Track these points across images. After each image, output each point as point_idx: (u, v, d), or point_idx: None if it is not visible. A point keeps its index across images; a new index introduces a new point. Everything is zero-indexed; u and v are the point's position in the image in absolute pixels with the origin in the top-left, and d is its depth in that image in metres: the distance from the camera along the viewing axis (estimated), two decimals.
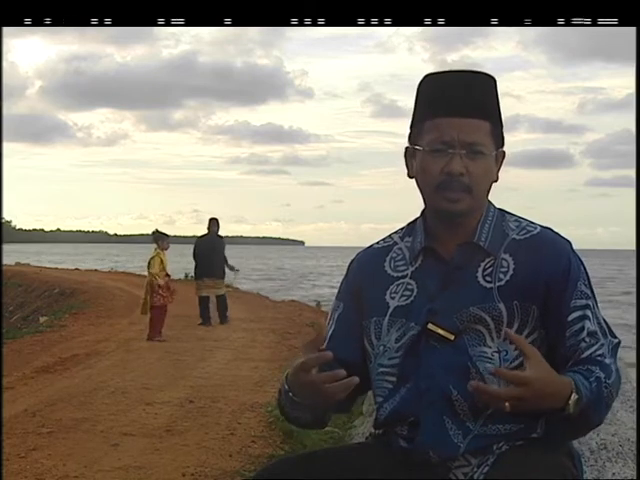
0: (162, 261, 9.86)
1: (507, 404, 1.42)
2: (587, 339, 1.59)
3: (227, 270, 12.03)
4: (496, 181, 1.69)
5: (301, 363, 1.51)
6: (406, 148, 1.71)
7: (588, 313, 1.61)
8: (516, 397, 1.42)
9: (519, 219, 1.71)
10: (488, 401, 1.45)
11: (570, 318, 1.60)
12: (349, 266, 1.82)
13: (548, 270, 1.61)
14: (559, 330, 1.60)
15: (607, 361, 1.58)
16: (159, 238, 10.02)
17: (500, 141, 1.67)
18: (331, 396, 1.50)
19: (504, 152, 1.69)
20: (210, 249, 11.49)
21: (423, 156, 1.65)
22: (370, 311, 1.72)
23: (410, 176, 1.70)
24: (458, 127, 1.61)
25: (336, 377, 1.48)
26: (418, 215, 1.76)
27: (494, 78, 1.67)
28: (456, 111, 1.61)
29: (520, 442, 1.59)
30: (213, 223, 11.79)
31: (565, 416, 1.50)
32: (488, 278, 1.63)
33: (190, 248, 11.98)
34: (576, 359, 1.58)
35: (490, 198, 1.72)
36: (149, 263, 9.95)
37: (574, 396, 1.49)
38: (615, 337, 1.65)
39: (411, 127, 1.69)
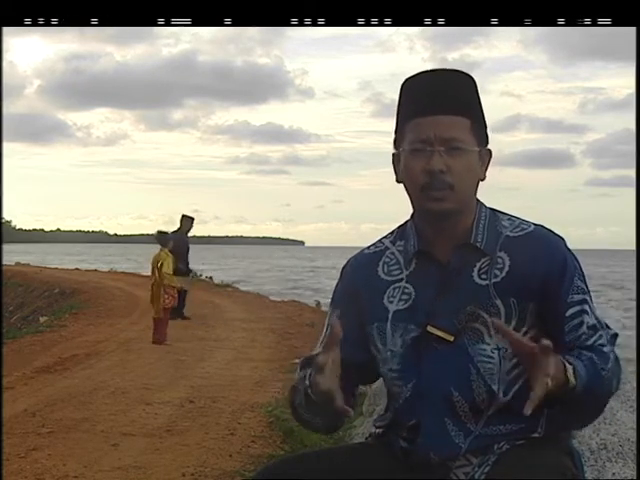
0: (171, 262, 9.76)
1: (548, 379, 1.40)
2: (587, 332, 1.60)
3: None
4: (483, 180, 1.69)
5: (315, 365, 1.51)
6: (393, 154, 1.71)
7: (586, 307, 1.62)
8: (550, 364, 1.41)
9: (511, 217, 1.71)
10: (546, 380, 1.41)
11: (568, 313, 1.60)
12: (342, 271, 1.82)
13: (544, 267, 1.61)
14: (557, 326, 1.61)
15: (605, 349, 1.59)
16: (163, 239, 9.92)
17: (483, 139, 1.67)
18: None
19: (490, 151, 1.69)
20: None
21: (405, 157, 1.66)
22: (370, 316, 1.71)
23: (398, 181, 1.70)
24: (435, 124, 1.61)
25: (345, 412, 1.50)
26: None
27: (472, 77, 1.68)
28: (432, 109, 1.62)
29: (521, 441, 1.60)
30: (186, 220, 11.98)
31: (572, 392, 1.48)
32: (483, 276, 1.63)
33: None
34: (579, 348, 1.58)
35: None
36: (159, 263, 9.63)
37: (569, 366, 1.48)
38: (610, 329, 1.65)
39: (395, 133, 1.70)
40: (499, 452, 1.59)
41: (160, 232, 10.11)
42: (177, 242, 11.06)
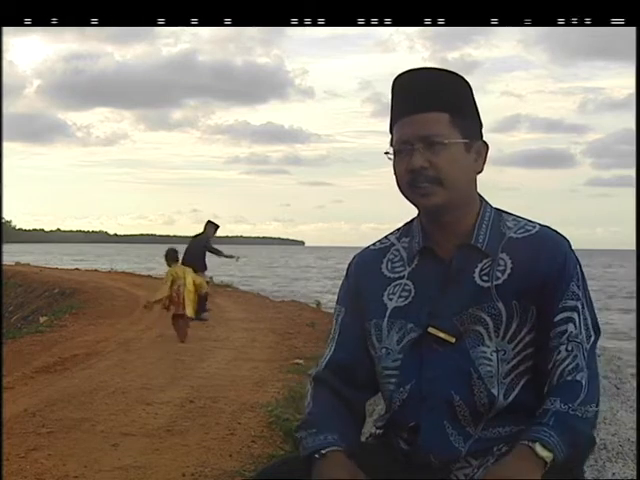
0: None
1: None
2: (568, 347, 1.58)
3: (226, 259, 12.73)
4: (479, 172, 1.68)
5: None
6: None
7: (574, 315, 1.61)
8: None
9: (517, 218, 1.71)
10: None
11: (556, 319, 1.60)
12: (347, 269, 1.82)
13: (544, 269, 1.61)
14: (546, 328, 1.61)
15: (578, 377, 1.57)
16: (173, 255, 10.06)
17: (471, 131, 1.66)
18: None
19: (485, 143, 1.68)
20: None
21: (394, 160, 1.67)
22: (369, 313, 1.72)
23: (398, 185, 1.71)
24: (413, 123, 1.63)
25: None
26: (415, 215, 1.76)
27: (452, 72, 1.68)
28: (409, 109, 1.64)
29: None
30: (210, 227, 12.27)
31: (559, 461, 1.49)
32: (485, 277, 1.63)
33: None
34: (550, 383, 1.58)
35: (490, 198, 1.72)
36: (180, 279, 9.86)
37: (533, 444, 1.48)
38: (597, 332, 1.64)
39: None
40: (498, 454, 1.59)
41: (171, 249, 10.22)
42: (195, 245, 11.78)
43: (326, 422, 1.64)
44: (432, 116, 1.62)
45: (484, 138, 1.70)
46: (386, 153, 1.68)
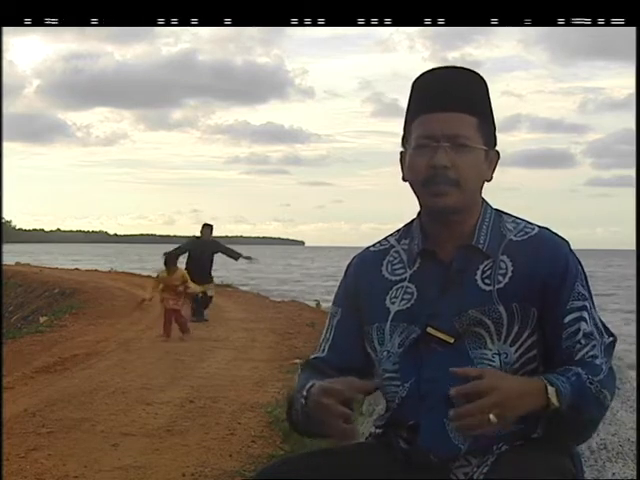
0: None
1: (491, 416, 1.41)
2: (582, 341, 1.59)
3: (243, 259, 12.51)
4: (489, 181, 1.68)
5: (334, 389, 1.51)
6: (400, 153, 1.71)
7: (584, 314, 1.61)
8: (494, 404, 1.41)
9: (516, 220, 1.70)
10: (474, 422, 1.42)
11: (566, 320, 1.60)
12: (346, 270, 1.81)
13: (545, 271, 1.60)
14: (555, 331, 1.60)
15: (597, 361, 1.58)
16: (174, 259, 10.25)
17: (491, 139, 1.66)
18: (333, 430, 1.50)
19: (498, 153, 1.68)
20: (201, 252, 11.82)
21: (410, 154, 1.65)
22: (371, 317, 1.71)
23: (404, 179, 1.69)
24: (442, 121, 1.61)
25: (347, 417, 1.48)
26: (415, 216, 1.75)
27: (483, 77, 1.67)
28: (440, 106, 1.62)
29: (520, 442, 1.59)
30: (206, 229, 12.18)
31: (556, 412, 1.49)
32: (487, 281, 1.62)
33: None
34: (569, 363, 1.58)
35: (490, 198, 1.72)
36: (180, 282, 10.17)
37: (550, 388, 1.49)
38: (611, 335, 1.64)
39: (403, 130, 1.70)
40: (498, 453, 1.59)
41: (168, 253, 10.32)
42: (203, 252, 11.68)
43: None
44: (462, 117, 1.61)
45: None
46: (405, 147, 1.67)
